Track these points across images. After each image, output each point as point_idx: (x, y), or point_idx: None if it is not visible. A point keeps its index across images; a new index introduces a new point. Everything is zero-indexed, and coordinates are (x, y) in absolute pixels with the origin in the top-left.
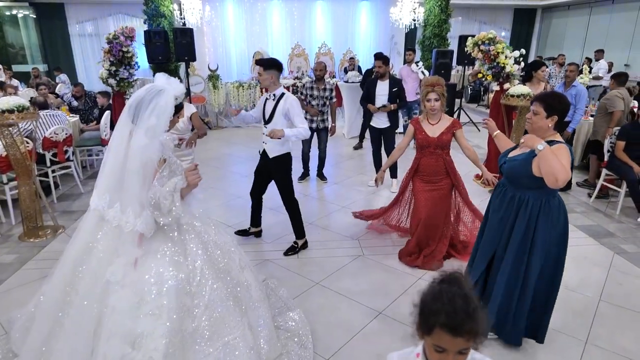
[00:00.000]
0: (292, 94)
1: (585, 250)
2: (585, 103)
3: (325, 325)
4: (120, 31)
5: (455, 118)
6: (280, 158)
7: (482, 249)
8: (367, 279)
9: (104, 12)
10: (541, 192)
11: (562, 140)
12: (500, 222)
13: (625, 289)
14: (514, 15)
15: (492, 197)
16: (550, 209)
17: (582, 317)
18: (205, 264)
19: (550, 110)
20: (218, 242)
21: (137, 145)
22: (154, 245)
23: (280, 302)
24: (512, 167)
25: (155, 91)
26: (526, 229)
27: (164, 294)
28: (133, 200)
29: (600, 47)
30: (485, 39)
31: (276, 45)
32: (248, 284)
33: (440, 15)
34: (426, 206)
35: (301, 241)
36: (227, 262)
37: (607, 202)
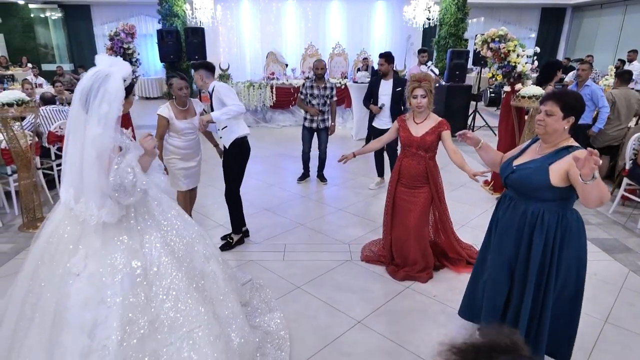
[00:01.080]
0: (219, 82)
1: (597, 266)
2: (605, 101)
3: (300, 332)
4: (121, 28)
5: (443, 119)
6: (233, 145)
7: (496, 275)
8: (351, 285)
9: (126, 13)
10: (557, 205)
11: (578, 145)
12: (515, 240)
13: (637, 311)
14: (542, 14)
15: (498, 212)
16: (568, 224)
17: (583, 340)
18: (163, 253)
19: (568, 110)
20: (180, 232)
21: (92, 135)
22: (110, 235)
23: (263, 303)
24: (525, 177)
25: (101, 77)
26: (544, 247)
27: (118, 283)
28: (94, 191)
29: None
30: (495, 36)
31: (290, 45)
32: (214, 274)
33: (456, 14)
34: (400, 215)
35: (237, 237)
36: (189, 252)
37: (629, 214)
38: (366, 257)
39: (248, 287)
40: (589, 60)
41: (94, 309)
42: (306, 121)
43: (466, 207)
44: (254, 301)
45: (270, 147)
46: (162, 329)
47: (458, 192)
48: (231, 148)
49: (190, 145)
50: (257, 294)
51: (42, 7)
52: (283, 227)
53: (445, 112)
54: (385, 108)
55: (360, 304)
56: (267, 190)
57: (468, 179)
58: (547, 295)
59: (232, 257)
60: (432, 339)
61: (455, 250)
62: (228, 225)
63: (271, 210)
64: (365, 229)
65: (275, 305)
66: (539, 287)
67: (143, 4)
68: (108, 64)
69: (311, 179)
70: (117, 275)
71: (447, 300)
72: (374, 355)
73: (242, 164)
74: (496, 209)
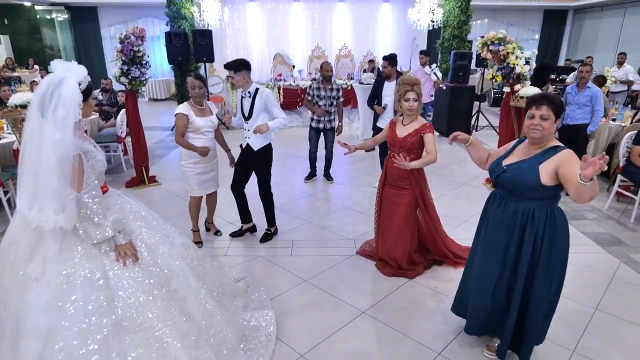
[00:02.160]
0: (265, 88)
1: (589, 258)
2: (602, 105)
3: (306, 322)
4: (131, 31)
5: (428, 122)
6: (264, 150)
7: (484, 271)
8: (356, 278)
9: (133, 15)
10: (546, 203)
11: (563, 145)
12: (505, 237)
13: (626, 300)
14: (544, 16)
15: (489, 210)
16: (555, 221)
17: (574, 326)
18: None
19: (559, 113)
20: (143, 235)
21: (50, 141)
22: (69, 240)
23: (256, 301)
24: (517, 177)
25: (55, 82)
26: (534, 245)
27: (78, 288)
28: (52, 197)
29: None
30: (494, 38)
31: (297, 47)
32: (184, 273)
33: (460, 17)
34: (385, 214)
35: (273, 228)
36: (152, 252)
37: (623, 209)
38: (361, 251)
39: (242, 283)
40: (590, 62)
41: (52, 315)
42: (313, 122)
43: (467, 204)
44: (247, 297)
45: (278, 147)
46: (127, 331)
47: (460, 190)
48: (261, 151)
49: (208, 146)
50: (250, 290)
51: (48, 9)
52: (291, 224)
53: (449, 112)
54: (388, 108)
55: (365, 296)
56: (276, 189)
57: (469, 178)
58: (535, 290)
59: (242, 253)
60: (432, 327)
61: (443, 253)
62: (237, 223)
63: (279, 208)
64: (370, 226)
65: (268, 304)
66: (527, 282)
67: (150, 6)
68: (63, 69)
69: (318, 178)
70: (76, 280)
71: (447, 292)
72: (376, 343)
73: (270, 165)
74: (485, 207)
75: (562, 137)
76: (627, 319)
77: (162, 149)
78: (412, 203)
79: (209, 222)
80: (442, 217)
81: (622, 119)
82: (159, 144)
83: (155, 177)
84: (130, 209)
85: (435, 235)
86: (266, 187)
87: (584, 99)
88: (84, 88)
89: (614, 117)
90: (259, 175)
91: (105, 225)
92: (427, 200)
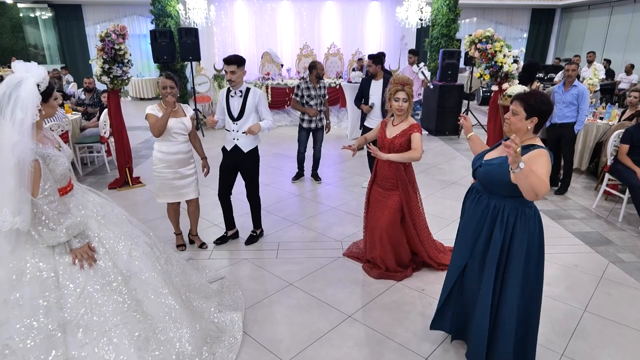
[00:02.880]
0: (256, 88)
1: (577, 258)
2: (588, 103)
3: (291, 326)
4: (112, 29)
5: (416, 122)
6: (253, 151)
7: (453, 260)
8: (343, 281)
9: (119, 13)
10: (517, 201)
11: (542, 144)
12: (474, 231)
13: (614, 300)
14: (532, 15)
15: (466, 202)
16: (526, 219)
17: (562, 328)
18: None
19: (531, 111)
20: (101, 235)
21: (8, 143)
22: (22, 238)
23: (229, 303)
24: (488, 172)
25: (13, 83)
26: (503, 240)
27: (26, 285)
28: (9, 198)
29: (621, 48)
30: (482, 37)
31: (285, 45)
32: (142, 272)
33: (448, 15)
34: (373, 214)
35: (259, 230)
36: (110, 252)
37: (611, 208)
38: (347, 253)
39: (217, 284)
40: (576, 61)
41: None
42: (304, 122)
43: (456, 204)
44: (221, 298)
45: (265, 147)
46: (76, 331)
47: (449, 189)
48: (251, 154)
49: (180, 150)
50: (227, 291)
51: (31, 7)
52: (277, 226)
53: (437, 111)
54: (375, 107)
55: (351, 299)
56: (262, 190)
57: (458, 177)
58: (507, 290)
59: (226, 256)
60: (419, 330)
61: (425, 260)
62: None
63: (265, 209)
64: (357, 227)
65: (241, 306)
66: (496, 279)
67: (136, 4)
68: (23, 70)
69: (305, 178)
70: (24, 277)
71: (435, 294)
72: (362, 348)
73: (259, 166)
74: (464, 200)
75: (552, 136)
76: (616, 320)
77: (147, 149)
78: (399, 205)
79: (192, 234)
80: (431, 217)
81: (609, 117)
82: (144, 144)
83: (139, 178)
84: (92, 207)
85: (417, 243)
86: (255, 190)
87: (570, 97)
88: (43, 89)
89: (601, 116)
90: (247, 178)
91: (58, 231)
92: (413, 207)
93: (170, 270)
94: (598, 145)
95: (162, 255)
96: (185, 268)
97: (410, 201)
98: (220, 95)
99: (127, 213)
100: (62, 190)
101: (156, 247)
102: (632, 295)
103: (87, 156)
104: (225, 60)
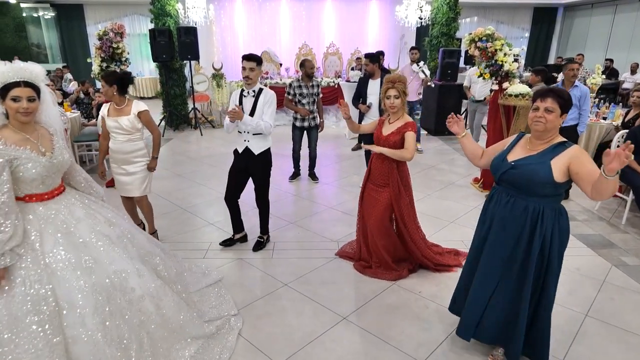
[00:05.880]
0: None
1: (580, 262)
2: (590, 104)
3: (284, 328)
4: (110, 27)
5: (412, 121)
6: (264, 153)
7: (486, 271)
8: (338, 282)
9: (120, 12)
10: (555, 200)
11: (570, 141)
12: (513, 237)
13: (617, 305)
14: (534, 14)
15: (492, 209)
16: (561, 216)
17: (563, 334)
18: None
19: (565, 107)
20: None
21: None
22: None
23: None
24: (527, 173)
25: None
26: (543, 243)
27: None
28: None
29: (626, 47)
30: (482, 35)
31: (284, 44)
32: (88, 308)
33: (448, 14)
34: (365, 210)
35: (266, 236)
36: (52, 276)
37: (614, 210)
38: (340, 252)
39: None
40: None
41: None
42: (297, 121)
43: (454, 204)
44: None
45: None
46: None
47: (446, 190)
48: (261, 156)
49: (121, 149)
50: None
51: (34, 7)
52: (273, 226)
53: (437, 110)
54: (373, 107)
55: (346, 300)
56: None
57: (456, 177)
58: (548, 289)
59: (221, 256)
60: (416, 334)
61: (421, 262)
62: (218, 224)
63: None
64: (354, 227)
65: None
66: (537, 279)
67: (137, 4)
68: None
69: (302, 178)
70: None
71: (432, 297)
72: (356, 351)
73: (270, 170)
74: (486, 206)
75: None
76: (618, 325)
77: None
78: (390, 203)
79: (148, 231)
80: (428, 217)
81: (613, 117)
82: None
83: None
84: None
85: (409, 242)
86: (265, 194)
87: (573, 99)
88: (3, 85)
89: (604, 116)
90: (258, 182)
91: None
92: (402, 205)
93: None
94: (602, 145)
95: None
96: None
97: (400, 199)
98: (234, 95)
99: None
100: (37, 197)
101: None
102: (636, 300)
103: (86, 154)
104: (246, 57)
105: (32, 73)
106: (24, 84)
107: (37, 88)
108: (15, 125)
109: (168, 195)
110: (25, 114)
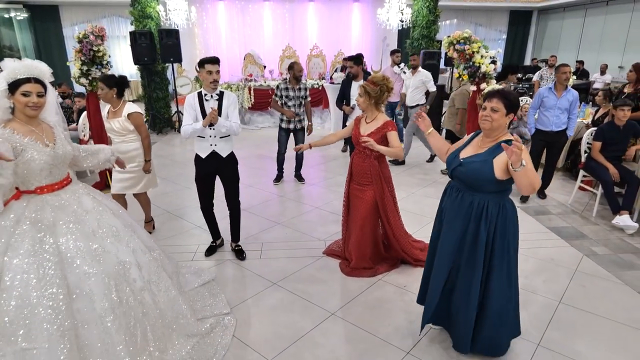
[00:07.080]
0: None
1: (553, 252)
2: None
3: (274, 326)
4: (90, 30)
5: (390, 120)
6: (232, 155)
7: (439, 258)
8: (326, 280)
9: (97, 14)
10: (500, 196)
11: (512, 138)
12: (460, 229)
13: (588, 292)
14: (510, 17)
15: (446, 202)
16: (506, 212)
17: (538, 320)
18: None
19: (511, 107)
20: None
21: None
22: None
23: (215, 304)
24: (472, 171)
25: None
26: (487, 236)
27: None
28: None
29: (595, 48)
30: (460, 38)
31: (267, 46)
32: (95, 296)
33: (428, 16)
34: (351, 210)
35: (239, 243)
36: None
37: (586, 203)
38: (328, 251)
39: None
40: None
41: None
42: (283, 122)
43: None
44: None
45: (248, 148)
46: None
47: (429, 187)
48: (231, 157)
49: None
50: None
51: (5, 7)
52: (260, 227)
53: None
54: (357, 108)
55: (334, 297)
56: (245, 191)
57: (440, 176)
58: (493, 280)
59: (210, 258)
60: (402, 325)
61: (402, 257)
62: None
63: (249, 210)
64: (340, 225)
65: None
66: (482, 272)
67: (115, 5)
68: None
69: (289, 179)
70: None
71: (416, 290)
72: (345, 344)
73: (238, 170)
74: (442, 198)
75: (541, 143)
76: (589, 310)
77: None
78: (374, 201)
79: (145, 221)
80: (412, 215)
81: (583, 116)
82: None
83: None
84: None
85: (391, 238)
86: (237, 198)
87: (566, 102)
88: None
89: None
90: (229, 185)
91: None
92: (386, 202)
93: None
94: (574, 143)
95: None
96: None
97: (384, 197)
98: (191, 99)
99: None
100: (48, 188)
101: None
102: (605, 287)
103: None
104: (212, 60)
105: (41, 71)
106: (34, 80)
107: (44, 85)
108: (21, 119)
109: (154, 198)
110: (35, 108)
